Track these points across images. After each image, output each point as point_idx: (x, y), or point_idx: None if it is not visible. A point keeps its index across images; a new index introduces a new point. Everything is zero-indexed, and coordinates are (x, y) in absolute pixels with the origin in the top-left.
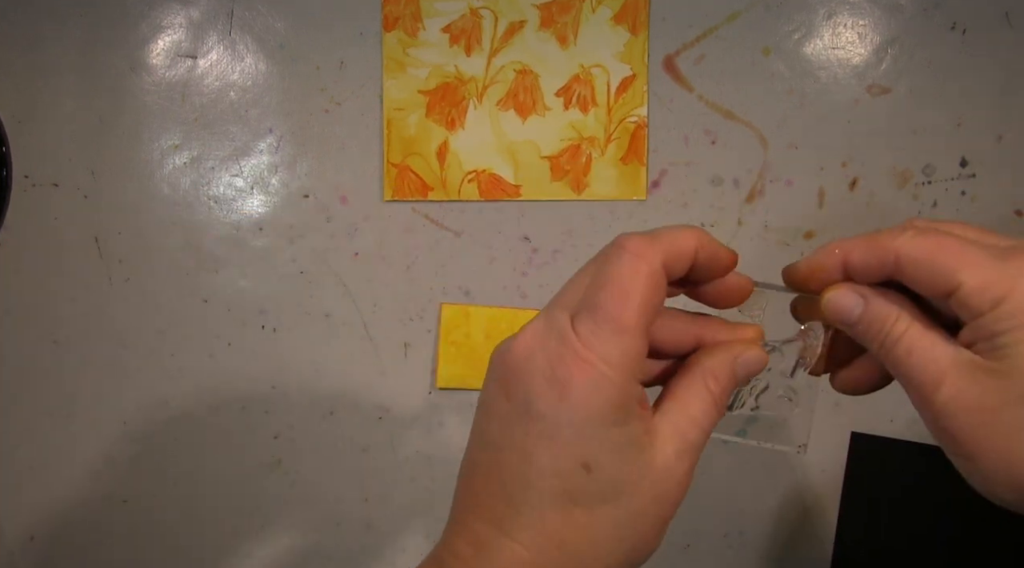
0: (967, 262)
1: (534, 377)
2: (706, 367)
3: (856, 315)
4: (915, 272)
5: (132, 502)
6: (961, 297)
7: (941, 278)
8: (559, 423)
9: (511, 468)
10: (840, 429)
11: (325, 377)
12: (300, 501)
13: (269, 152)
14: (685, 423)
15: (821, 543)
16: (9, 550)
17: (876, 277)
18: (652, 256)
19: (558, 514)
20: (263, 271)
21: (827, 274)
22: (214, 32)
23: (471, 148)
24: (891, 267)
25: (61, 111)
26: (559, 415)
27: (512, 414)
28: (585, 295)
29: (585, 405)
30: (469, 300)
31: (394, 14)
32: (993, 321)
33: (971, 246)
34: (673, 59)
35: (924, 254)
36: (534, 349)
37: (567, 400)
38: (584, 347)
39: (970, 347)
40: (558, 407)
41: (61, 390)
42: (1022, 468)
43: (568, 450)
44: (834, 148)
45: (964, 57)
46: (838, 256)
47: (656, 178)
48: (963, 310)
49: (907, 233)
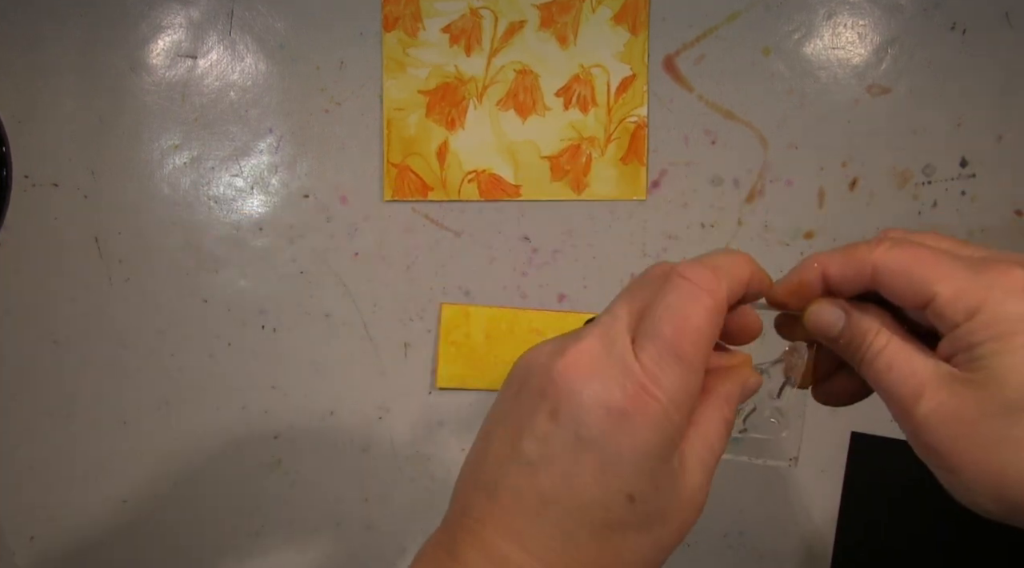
0: (942, 273)
1: (590, 403)
2: (721, 393)
3: (838, 329)
4: (892, 283)
5: (132, 502)
6: (937, 308)
7: (917, 289)
8: (613, 454)
9: (550, 491)
10: (840, 429)
11: (325, 377)
12: (300, 501)
13: (269, 152)
14: (706, 452)
15: (821, 543)
16: (9, 550)
17: (855, 290)
18: (719, 291)
19: (593, 541)
20: (263, 271)
21: (808, 290)
22: (214, 32)
23: (471, 148)
24: (868, 279)
25: (61, 111)
26: (616, 448)
27: (557, 435)
28: (647, 322)
29: (642, 440)
30: (469, 300)
31: (394, 14)
32: (969, 332)
33: (946, 257)
34: (673, 59)
35: (900, 265)
36: (591, 372)
37: (626, 434)
38: (648, 380)
39: (949, 359)
40: (615, 438)
41: (61, 390)
42: (1003, 479)
43: (618, 482)
44: (834, 148)
45: (964, 57)
46: (817, 270)
47: (656, 178)
48: (939, 321)
49: (883, 245)
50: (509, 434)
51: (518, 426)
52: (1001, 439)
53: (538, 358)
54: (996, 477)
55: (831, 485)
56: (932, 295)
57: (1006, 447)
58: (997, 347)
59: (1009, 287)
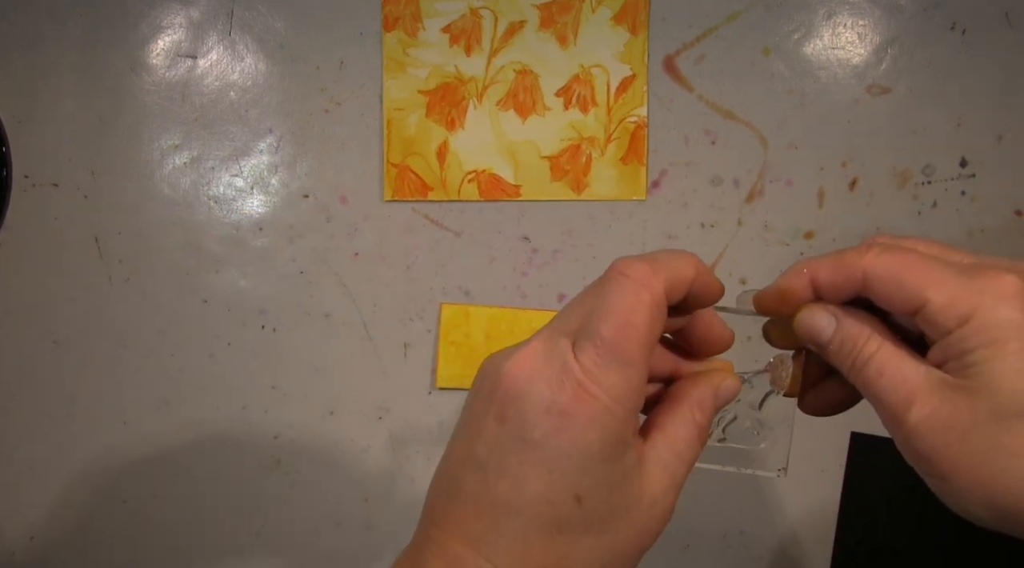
0: (933, 279)
1: (532, 404)
2: (692, 397)
3: (828, 334)
4: (882, 289)
5: (132, 502)
6: (928, 315)
7: (908, 295)
8: (556, 454)
9: (500, 493)
10: (840, 429)
11: (325, 377)
12: (300, 501)
13: (269, 152)
14: (672, 456)
15: (821, 543)
16: (9, 550)
17: (845, 296)
18: (656, 285)
19: (543, 542)
20: (263, 271)
21: (797, 296)
22: (214, 32)
23: (471, 148)
24: (859, 285)
25: (61, 111)
26: (557, 446)
27: (504, 438)
28: (586, 323)
29: (584, 439)
30: (469, 300)
31: (394, 14)
32: (961, 339)
33: (937, 263)
34: (673, 59)
35: (890, 272)
36: (533, 374)
37: (566, 432)
38: (587, 379)
39: (940, 366)
40: (557, 438)
41: (61, 390)
42: (995, 486)
43: (563, 481)
44: (834, 148)
45: (964, 57)
46: (806, 275)
47: (656, 178)
48: (930, 328)
49: (873, 251)
50: (466, 438)
51: (472, 430)
52: (993, 446)
53: (492, 362)
54: (987, 484)
55: (831, 485)
56: (923, 301)
57: (998, 454)
58: (989, 354)
59: (1000, 293)
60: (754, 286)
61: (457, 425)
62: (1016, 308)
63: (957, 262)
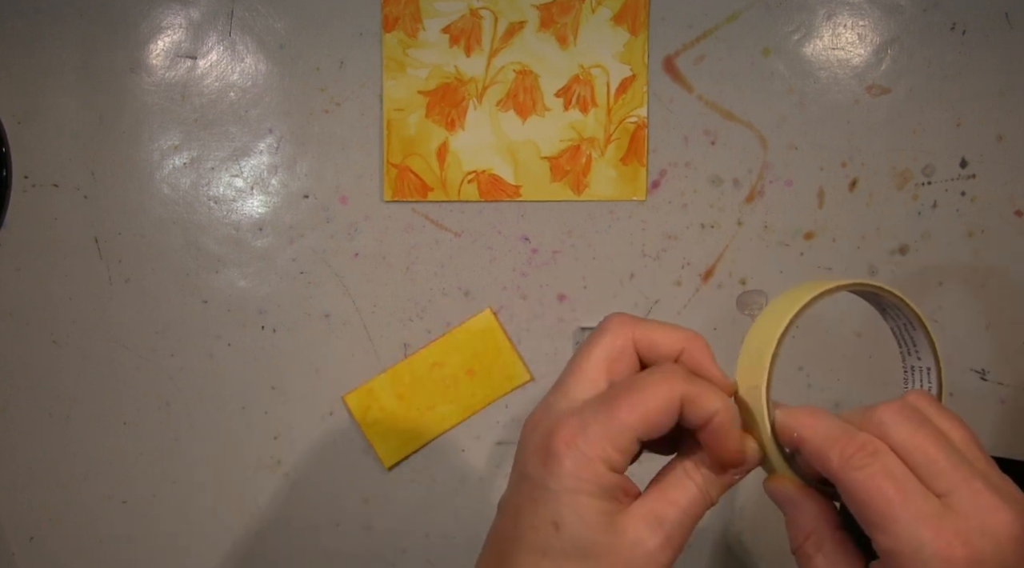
0: (900, 517)
1: (529, 448)
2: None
3: (785, 509)
4: (854, 502)
5: (132, 502)
6: (885, 546)
7: (875, 518)
8: (541, 486)
9: (507, 526)
10: None
11: (325, 377)
12: (300, 501)
13: (269, 152)
14: (660, 503)
15: None
16: (9, 550)
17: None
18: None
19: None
20: (263, 271)
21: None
22: (214, 32)
23: (471, 148)
24: (831, 477)
25: (61, 111)
26: (542, 479)
27: (514, 479)
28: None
29: (560, 475)
30: (469, 300)
31: (394, 14)
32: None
33: (911, 498)
34: (673, 59)
35: (863, 494)
36: (540, 425)
37: (548, 467)
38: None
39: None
40: (542, 472)
41: (61, 390)
42: None
43: (544, 508)
44: (834, 148)
45: (964, 57)
46: (796, 439)
47: (656, 178)
48: (883, 552)
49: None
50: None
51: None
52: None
53: None
54: None
55: None
56: (886, 532)
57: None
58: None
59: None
60: (754, 286)
61: None
62: None
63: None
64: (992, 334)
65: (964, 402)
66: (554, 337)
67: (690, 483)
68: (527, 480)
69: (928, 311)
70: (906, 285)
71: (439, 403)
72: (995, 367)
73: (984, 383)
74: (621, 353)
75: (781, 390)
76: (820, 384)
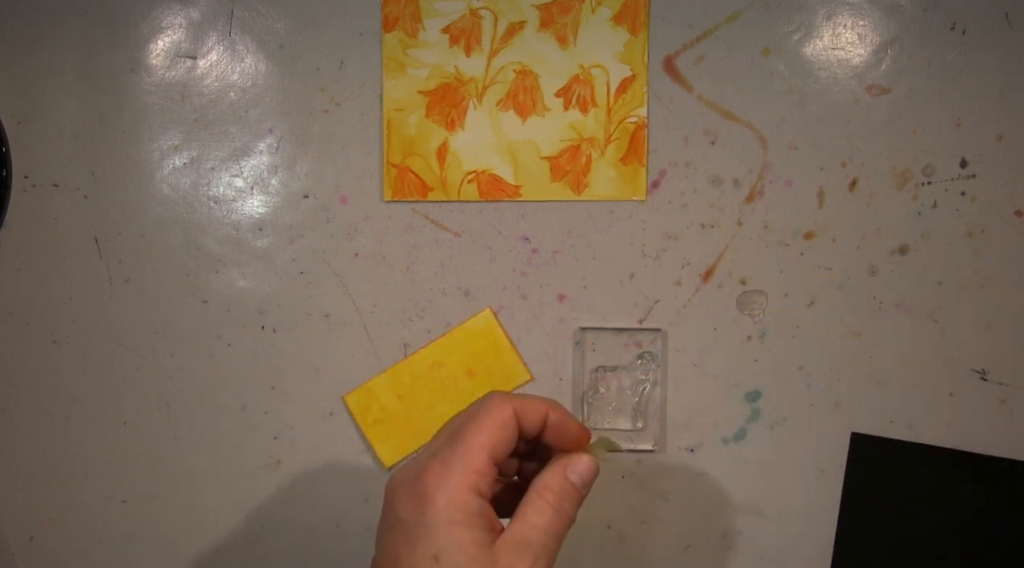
0: None
1: (400, 494)
2: (538, 484)
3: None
4: None
5: (132, 502)
6: None
7: None
8: (417, 525)
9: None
10: (840, 429)
11: (325, 377)
12: (300, 501)
13: (269, 152)
14: (523, 529)
15: (821, 543)
16: (9, 550)
17: None
18: (506, 407)
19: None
20: (263, 271)
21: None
22: (214, 32)
23: (471, 148)
24: None
25: (61, 111)
26: (417, 519)
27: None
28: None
29: (435, 511)
30: (469, 300)
31: (394, 14)
32: None
33: None
34: (673, 59)
35: None
36: (405, 474)
37: (422, 507)
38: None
39: None
40: (416, 514)
41: (61, 390)
42: None
43: (422, 545)
44: (834, 148)
45: (964, 57)
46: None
47: (656, 178)
48: None
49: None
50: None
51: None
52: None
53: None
54: None
55: (831, 485)
56: None
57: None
58: None
59: None
60: (754, 287)
61: None
62: None
63: None
64: (992, 334)
65: (964, 402)
66: (554, 337)
67: (544, 504)
68: (401, 526)
69: (928, 311)
70: (906, 285)
71: (439, 403)
72: (995, 367)
73: (984, 383)
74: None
75: (782, 390)
76: (820, 384)
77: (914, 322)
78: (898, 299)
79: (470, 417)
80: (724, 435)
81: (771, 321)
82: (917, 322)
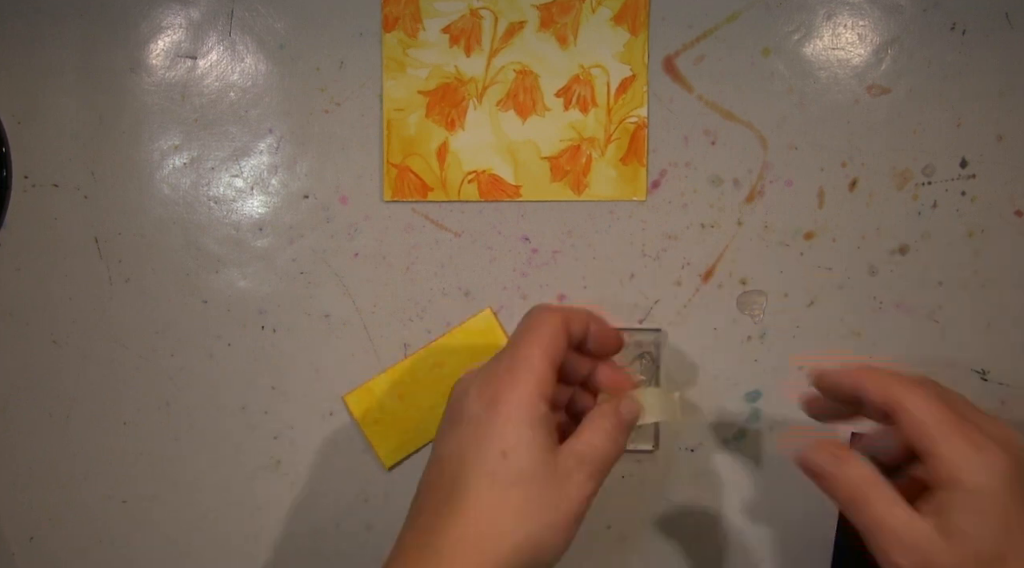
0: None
1: (469, 396)
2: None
3: (828, 472)
4: (908, 425)
5: (132, 502)
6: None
7: (926, 442)
8: (487, 423)
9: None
10: (840, 429)
11: (325, 377)
12: (300, 501)
13: (269, 152)
14: (582, 445)
15: (821, 544)
16: (9, 550)
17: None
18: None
19: (483, 492)
20: (263, 271)
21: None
22: (214, 32)
23: (471, 148)
24: (891, 411)
25: (61, 111)
26: (490, 418)
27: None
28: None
29: (506, 411)
30: (469, 300)
31: (394, 14)
32: (960, 501)
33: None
34: (673, 59)
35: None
36: (474, 377)
37: (495, 406)
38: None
39: (929, 514)
40: (489, 412)
41: (61, 390)
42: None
43: (491, 442)
44: (834, 148)
45: (964, 57)
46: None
47: (656, 178)
48: (932, 478)
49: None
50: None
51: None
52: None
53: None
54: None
55: None
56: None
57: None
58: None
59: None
60: (754, 287)
61: None
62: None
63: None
64: (992, 334)
65: None
66: None
67: (600, 429)
68: (469, 424)
69: (928, 311)
70: (906, 285)
71: (439, 403)
72: (995, 367)
73: (985, 383)
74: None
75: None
76: None
77: (914, 322)
78: (898, 299)
79: (527, 329)
80: (724, 435)
81: (771, 321)
82: (917, 322)
